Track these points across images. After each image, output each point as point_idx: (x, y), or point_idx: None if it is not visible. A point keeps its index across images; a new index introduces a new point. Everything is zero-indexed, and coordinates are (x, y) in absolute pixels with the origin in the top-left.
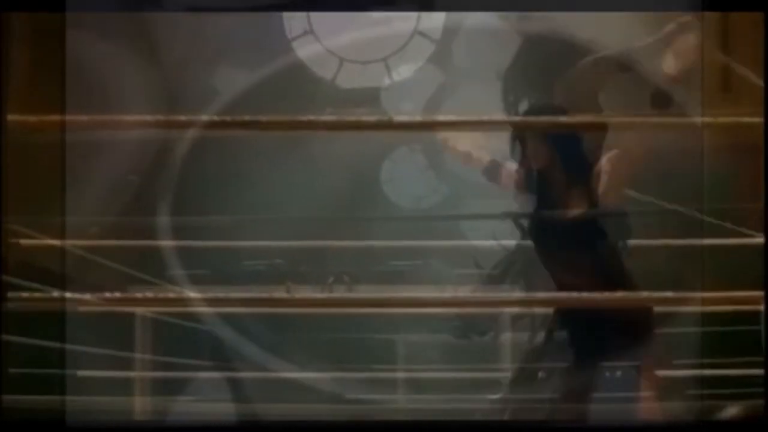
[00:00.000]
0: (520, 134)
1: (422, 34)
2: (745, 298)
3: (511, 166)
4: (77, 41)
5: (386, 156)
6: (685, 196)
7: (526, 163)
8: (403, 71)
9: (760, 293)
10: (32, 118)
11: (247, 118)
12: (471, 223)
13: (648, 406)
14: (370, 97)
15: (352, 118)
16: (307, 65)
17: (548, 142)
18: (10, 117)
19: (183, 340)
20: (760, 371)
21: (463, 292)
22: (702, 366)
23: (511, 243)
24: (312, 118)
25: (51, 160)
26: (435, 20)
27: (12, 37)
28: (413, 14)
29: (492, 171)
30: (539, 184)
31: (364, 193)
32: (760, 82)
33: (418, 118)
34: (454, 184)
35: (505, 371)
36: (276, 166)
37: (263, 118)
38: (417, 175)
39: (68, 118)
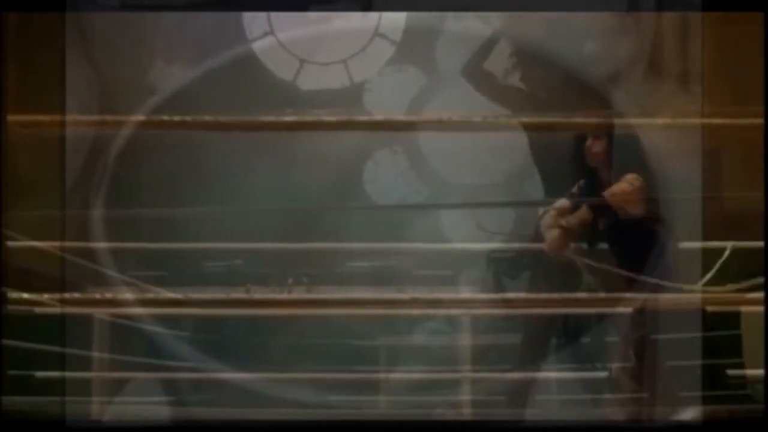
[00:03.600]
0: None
1: (382, 35)
2: (746, 299)
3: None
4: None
5: (369, 157)
6: None
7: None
8: (363, 73)
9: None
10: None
11: (207, 118)
12: (450, 224)
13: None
14: (331, 98)
15: (311, 118)
16: (267, 67)
17: (606, 138)
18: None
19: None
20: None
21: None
22: (702, 366)
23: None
24: (272, 118)
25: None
26: (395, 22)
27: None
28: (374, 16)
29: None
30: (592, 185)
31: (347, 193)
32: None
33: (378, 117)
34: (435, 184)
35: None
36: (255, 165)
37: (223, 118)
38: (399, 176)
39: (68, 117)
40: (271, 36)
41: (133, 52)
